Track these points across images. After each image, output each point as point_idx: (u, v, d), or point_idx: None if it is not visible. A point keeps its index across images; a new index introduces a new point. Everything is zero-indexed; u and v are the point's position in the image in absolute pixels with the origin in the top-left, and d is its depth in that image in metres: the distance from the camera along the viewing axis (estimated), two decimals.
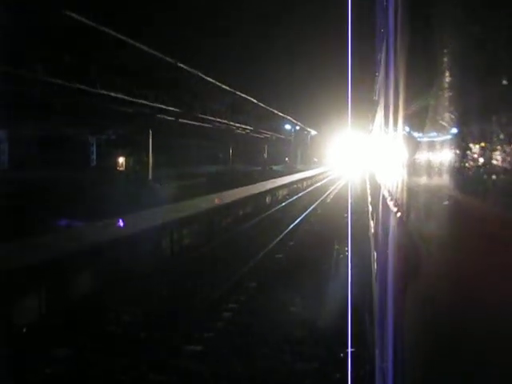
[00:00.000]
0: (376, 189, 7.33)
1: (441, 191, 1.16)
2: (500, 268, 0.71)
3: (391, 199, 2.46)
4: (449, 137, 1.08)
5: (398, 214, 1.93)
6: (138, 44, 17.56)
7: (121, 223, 12.76)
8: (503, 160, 0.70)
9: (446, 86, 1.13)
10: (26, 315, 8.00)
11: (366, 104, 23.25)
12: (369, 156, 21.91)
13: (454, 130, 1.04)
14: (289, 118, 52.85)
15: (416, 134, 1.71)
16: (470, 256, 0.87)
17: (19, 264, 8.48)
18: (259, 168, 42.86)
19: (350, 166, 55.98)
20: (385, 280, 3.07)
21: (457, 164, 0.98)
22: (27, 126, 17.88)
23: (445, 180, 1.12)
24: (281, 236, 16.34)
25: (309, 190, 39.50)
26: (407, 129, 2.00)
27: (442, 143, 1.15)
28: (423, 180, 1.45)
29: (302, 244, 15.52)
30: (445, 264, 1.09)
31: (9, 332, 7.64)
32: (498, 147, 0.72)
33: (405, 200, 1.86)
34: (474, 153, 0.84)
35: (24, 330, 7.71)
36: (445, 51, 1.18)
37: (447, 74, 1.13)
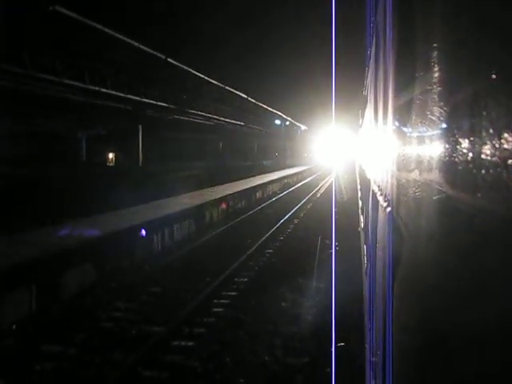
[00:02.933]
0: (366, 184, 7.36)
1: (430, 186, 1.16)
2: (489, 264, 0.71)
3: (380, 194, 2.46)
4: (438, 131, 1.08)
5: (388, 209, 1.93)
6: (127, 39, 17.45)
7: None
8: (492, 154, 0.70)
9: (435, 80, 1.13)
10: None
11: (356, 99, 23.29)
12: (359, 151, 22.00)
13: (443, 125, 1.04)
14: (278, 113, 52.85)
15: (405, 129, 1.71)
16: (459, 252, 0.88)
17: None
18: (249, 163, 42.84)
19: (340, 160, 56.09)
20: (375, 274, 3.08)
21: (446, 159, 0.98)
22: (14, 122, 17.71)
23: (434, 175, 1.12)
24: (270, 232, 16.64)
25: (299, 184, 39.60)
26: (396, 123, 2.00)
27: (431, 138, 1.15)
28: (412, 175, 1.45)
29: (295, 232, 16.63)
30: (434, 259, 1.10)
31: None
32: (487, 142, 0.71)
33: (394, 195, 1.86)
34: (463, 147, 0.84)
35: None
36: (434, 46, 1.18)
37: (436, 68, 1.13)
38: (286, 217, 20.34)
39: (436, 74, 1.12)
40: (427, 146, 1.22)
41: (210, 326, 8.59)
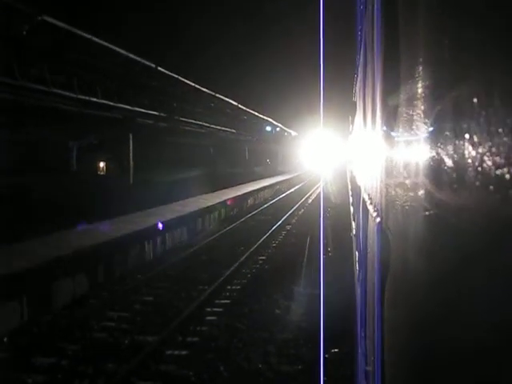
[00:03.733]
0: (357, 191, 7.37)
1: (420, 197, 1.15)
2: (478, 273, 0.72)
3: (370, 203, 2.45)
4: (428, 139, 1.07)
5: (377, 220, 1.91)
6: (116, 48, 17.41)
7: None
8: (483, 164, 0.69)
9: (424, 86, 1.12)
10: None
11: (346, 105, 23.41)
12: (350, 158, 22.14)
13: (434, 133, 1.03)
14: (269, 119, 52.94)
15: (394, 136, 1.71)
16: (450, 264, 0.87)
17: None
18: (241, 170, 42.84)
19: (332, 167, 56.16)
20: (366, 281, 3.07)
21: (436, 169, 0.97)
22: (3, 131, 17.63)
23: (424, 185, 1.11)
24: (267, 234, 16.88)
25: (292, 190, 39.73)
26: (385, 131, 2.00)
27: (421, 146, 1.14)
28: (402, 184, 1.44)
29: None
30: (423, 270, 1.09)
31: None
32: (478, 151, 0.70)
33: (384, 205, 1.85)
34: (454, 157, 0.83)
35: None
36: (421, 53, 1.17)
37: (424, 75, 1.13)
38: (279, 223, 20.43)
39: (424, 81, 1.12)
40: (417, 155, 1.21)
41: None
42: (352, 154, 15.97)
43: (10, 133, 17.54)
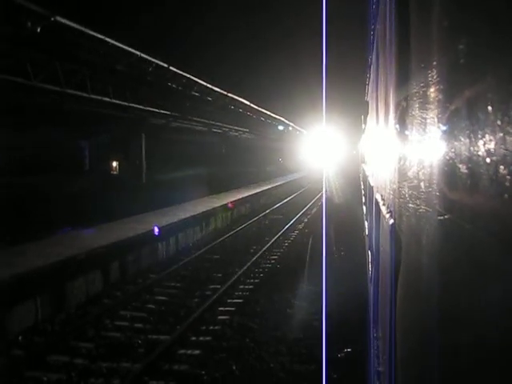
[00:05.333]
0: (370, 191, 7.33)
1: (434, 198, 1.14)
2: (489, 274, 0.72)
3: (383, 204, 2.43)
4: (442, 141, 1.06)
5: (391, 221, 1.90)
6: (127, 48, 17.43)
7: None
8: (500, 166, 0.68)
9: (438, 86, 1.11)
10: None
11: (358, 105, 23.29)
12: (363, 157, 22.02)
13: (448, 134, 1.01)
14: (281, 118, 52.80)
15: (407, 137, 1.69)
16: (462, 264, 0.87)
17: None
18: (255, 169, 42.80)
19: (344, 166, 55.77)
20: (379, 282, 3.06)
21: (451, 171, 0.96)
22: (20, 132, 17.79)
23: (438, 187, 1.10)
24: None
25: (305, 188, 39.83)
26: (398, 131, 1.98)
27: (435, 147, 1.12)
28: (416, 187, 1.43)
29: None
30: (436, 272, 1.08)
31: None
32: (495, 153, 0.69)
33: (397, 206, 1.84)
34: (470, 160, 0.82)
35: None
36: (435, 53, 1.17)
37: (439, 74, 1.12)
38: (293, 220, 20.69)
39: (438, 81, 1.11)
40: (431, 157, 1.20)
41: None
42: (365, 154, 15.88)
43: (20, 133, 17.72)
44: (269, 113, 42.98)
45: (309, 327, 8.74)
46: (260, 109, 39.21)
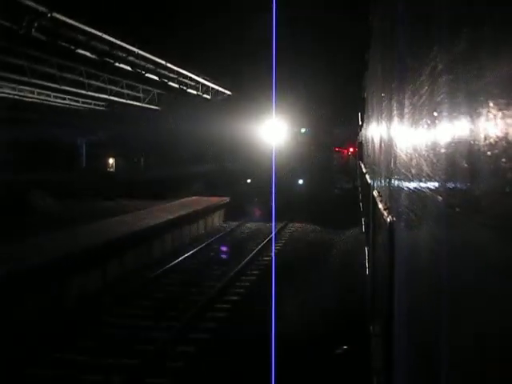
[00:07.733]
0: (367, 188, 7.34)
1: (432, 195, 1.15)
2: (487, 270, 0.71)
3: (381, 200, 2.43)
4: (442, 135, 1.05)
5: (388, 217, 1.90)
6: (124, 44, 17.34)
7: None
8: (498, 162, 0.68)
9: (441, 82, 1.09)
10: None
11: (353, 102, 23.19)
12: (360, 153, 21.90)
13: (447, 131, 1.01)
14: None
15: (404, 134, 1.70)
16: (460, 259, 0.87)
17: None
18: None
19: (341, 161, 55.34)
20: (376, 278, 3.06)
21: (449, 167, 0.96)
22: (14, 129, 17.73)
23: (436, 183, 1.10)
24: None
25: None
26: (395, 128, 1.98)
27: (436, 142, 1.12)
28: (413, 183, 1.43)
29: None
30: (434, 270, 1.09)
31: None
32: (494, 149, 0.69)
33: (394, 202, 1.83)
34: (468, 156, 0.83)
35: None
36: (430, 48, 1.17)
37: (441, 71, 1.11)
38: None
39: (441, 77, 1.09)
40: (430, 154, 1.19)
41: None
42: (362, 151, 15.86)
43: (18, 131, 17.61)
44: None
45: None
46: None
